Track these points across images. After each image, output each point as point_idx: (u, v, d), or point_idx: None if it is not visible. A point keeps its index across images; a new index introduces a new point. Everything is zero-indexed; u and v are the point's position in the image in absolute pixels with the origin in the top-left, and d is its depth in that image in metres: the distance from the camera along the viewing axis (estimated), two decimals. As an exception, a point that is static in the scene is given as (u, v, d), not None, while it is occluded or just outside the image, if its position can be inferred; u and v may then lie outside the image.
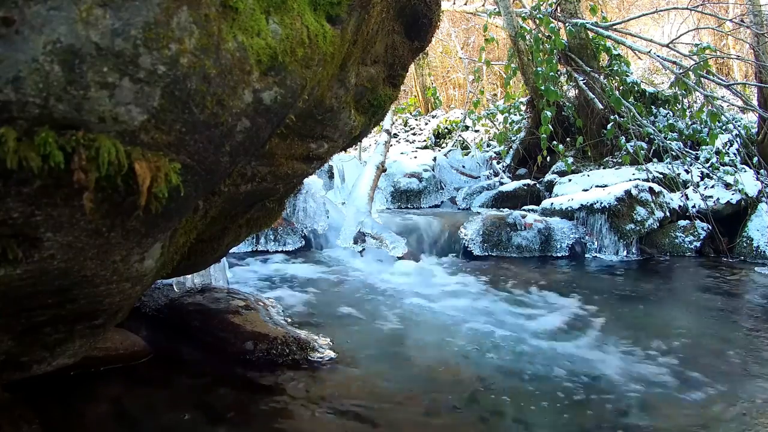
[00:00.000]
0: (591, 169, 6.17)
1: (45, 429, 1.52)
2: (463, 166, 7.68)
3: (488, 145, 8.34)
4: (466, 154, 8.01)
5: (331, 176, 5.99)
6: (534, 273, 4.03)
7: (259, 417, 1.73)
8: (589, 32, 6.55)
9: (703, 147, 5.88)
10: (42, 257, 0.90)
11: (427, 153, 8.04)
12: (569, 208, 4.90)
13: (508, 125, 7.69)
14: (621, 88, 6.41)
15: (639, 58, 7.49)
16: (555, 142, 6.36)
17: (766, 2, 6.13)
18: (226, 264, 2.87)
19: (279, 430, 1.68)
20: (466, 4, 9.00)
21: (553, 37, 6.27)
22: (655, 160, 5.90)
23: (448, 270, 4.04)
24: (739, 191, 5.20)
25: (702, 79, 5.63)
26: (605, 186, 5.28)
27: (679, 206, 5.19)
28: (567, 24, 6.39)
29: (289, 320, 2.54)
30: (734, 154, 5.85)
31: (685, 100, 6.61)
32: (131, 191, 0.88)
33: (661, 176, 5.51)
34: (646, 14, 7.75)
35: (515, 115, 7.74)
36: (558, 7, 6.55)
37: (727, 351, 2.47)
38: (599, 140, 6.48)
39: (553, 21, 6.36)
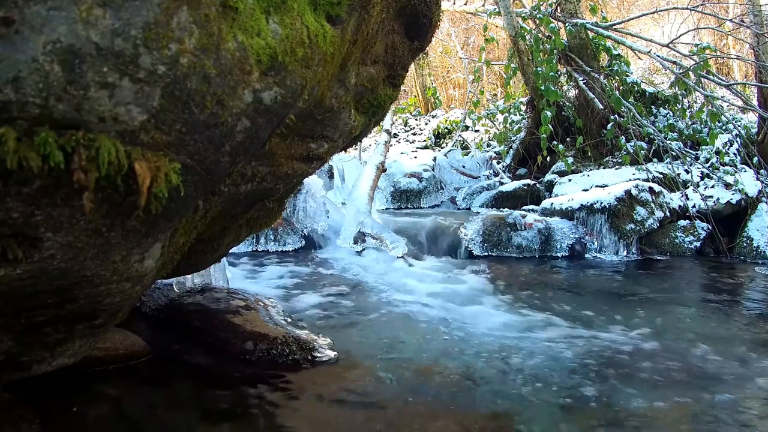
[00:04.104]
0: (591, 169, 6.17)
1: (45, 429, 1.52)
2: (463, 166, 7.69)
3: (488, 145, 8.34)
4: (466, 154, 8.01)
5: (331, 176, 6.00)
6: (534, 273, 4.03)
7: (259, 417, 1.73)
8: (589, 32, 6.55)
9: (703, 147, 5.88)
10: (42, 257, 0.90)
11: (427, 153, 8.04)
12: (569, 208, 4.90)
13: (508, 125, 7.69)
14: (621, 88, 6.41)
15: (639, 58, 7.49)
16: (555, 142, 6.36)
17: (766, 2, 6.13)
18: (226, 264, 2.87)
19: (279, 430, 1.68)
20: (466, 4, 9.00)
21: (553, 37, 6.28)
22: (655, 160, 5.90)
23: (448, 270, 4.03)
24: (739, 191, 5.20)
25: (702, 79, 5.64)
26: (605, 186, 5.28)
27: (679, 206, 5.19)
28: (567, 24, 6.40)
29: (289, 320, 2.54)
30: (734, 154, 5.85)
31: (685, 100, 6.61)
32: (131, 191, 0.88)
33: (661, 176, 5.51)
34: (646, 14, 7.75)
35: (515, 115, 7.74)
36: (558, 7, 6.55)
37: (727, 351, 2.47)
38: (599, 140, 6.48)
39: (553, 21, 6.36)
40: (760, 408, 1.93)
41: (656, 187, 5.07)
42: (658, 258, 4.79)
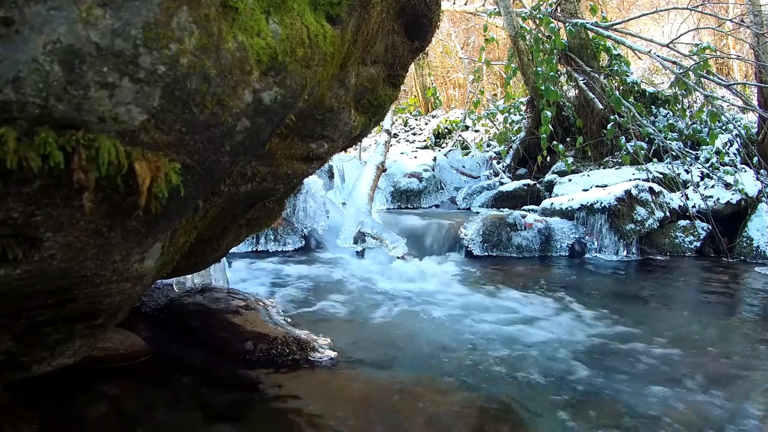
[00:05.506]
0: (591, 169, 6.17)
1: (45, 429, 1.52)
2: (463, 166, 7.69)
3: (488, 145, 8.34)
4: (466, 154, 8.02)
5: (331, 176, 5.99)
6: (534, 273, 4.03)
7: (259, 417, 1.73)
8: (589, 32, 6.55)
9: (703, 147, 5.88)
10: (42, 257, 0.90)
11: (427, 153, 8.04)
12: (569, 208, 4.90)
13: (508, 125, 7.70)
14: (621, 88, 6.41)
15: (639, 58, 7.49)
16: (555, 142, 6.36)
17: (766, 2, 6.13)
18: (226, 264, 2.87)
19: (279, 430, 1.68)
20: (466, 4, 9.01)
21: (553, 37, 6.28)
22: (655, 160, 5.90)
23: (448, 270, 4.03)
24: (739, 191, 5.20)
25: (702, 79, 5.63)
26: (605, 186, 5.28)
27: (679, 206, 5.19)
28: (567, 24, 6.39)
29: (289, 320, 2.54)
30: (734, 154, 5.85)
31: (685, 100, 6.61)
32: (131, 191, 0.88)
33: (661, 176, 5.51)
34: (646, 14, 7.76)
35: (515, 115, 7.75)
36: (558, 7, 6.55)
37: (727, 351, 2.47)
38: (599, 140, 6.48)
39: (553, 21, 6.37)
40: (760, 408, 1.93)
41: (656, 187, 5.07)
42: (658, 258, 4.79)
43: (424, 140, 9.84)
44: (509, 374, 2.11)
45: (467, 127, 9.12)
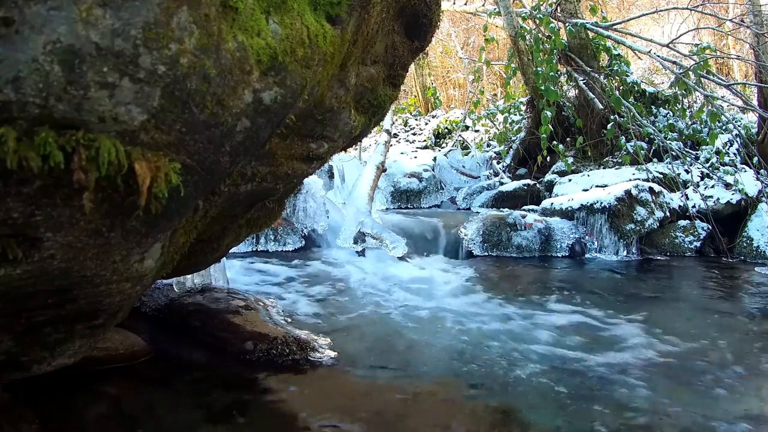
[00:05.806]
0: (591, 169, 6.16)
1: (45, 429, 1.52)
2: (463, 166, 7.68)
3: (488, 145, 8.34)
4: (466, 154, 8.01)
5: (331, 176, 5.99)
6: (534, 273, 4.03)
7: (259, 417, 1.73)
8: (589, 32, 6.55)
9: (703, 147, 5.88)
10: (42, 257, 0.90)
11: (427, 153, 8.03)
12: (569, 208, 4.90)
13: (508, 125, 7.69)
14: (621, 88, 6.40)
15: (639, 58, 7.49)
16: (555, 142, 6.35)
17: (766, 2, 6.13)
18: (226, 264, 2.87)
19: (279, 430, 1.68)
20: (466, 4, 9.01)
21: (553, 37, 6.27)
22: (655, 160, 5.90)
23: (448, 270, 4.03)
24: (739, 191, 5.19)
25: (702, 79, 5.63)
26: (605, 186, 5.27)
27: (679, 206, 5.19)
28: (567, 24, 6.39)
29: (289, 320, 2.54)
30: (734, 154, 5.85)
31: (685, 100, 6.60)
32: (131, 191, 0.88)
33: (661, 176, 5.51)
34: (646, 14, 7.76)
35: (515, 115, 7.74)
36: (558, 7, 6.55)
37: (726, 351, 2.47)
38: (599, 140, 6.48)
39: (553, 21, 6.36)
40: (759, 407, 1.93)
41: (656, 187, 5.07)
42: (658, 258, 4.79)
43: (424, 140, 9.83)
44: (513, 377, 2.11)
45: (467, 127, 9.11)
